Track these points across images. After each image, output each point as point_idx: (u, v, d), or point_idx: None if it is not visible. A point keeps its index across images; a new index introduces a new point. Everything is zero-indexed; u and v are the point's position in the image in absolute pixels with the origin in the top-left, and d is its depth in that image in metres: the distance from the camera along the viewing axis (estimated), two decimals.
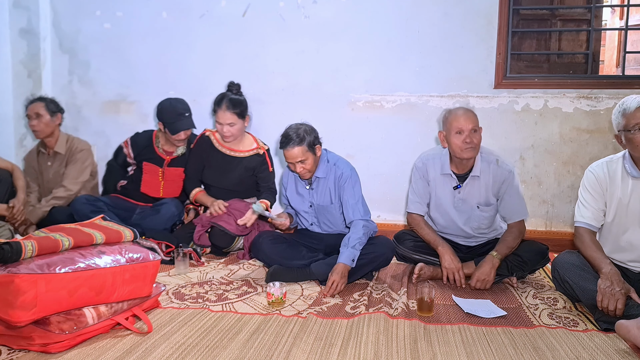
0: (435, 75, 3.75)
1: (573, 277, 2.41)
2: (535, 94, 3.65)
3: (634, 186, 2.37)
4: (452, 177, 2.86)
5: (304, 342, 2.02)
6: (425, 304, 2.34)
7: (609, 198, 2.44)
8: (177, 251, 2.94)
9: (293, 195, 3.06)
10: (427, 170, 2.93)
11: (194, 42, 4.01)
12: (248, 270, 3.03)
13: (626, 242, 2.42)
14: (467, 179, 2.83)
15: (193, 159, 3.55)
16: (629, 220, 2.39)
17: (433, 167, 2.91)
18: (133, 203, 3.58)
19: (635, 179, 2.36)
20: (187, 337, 2.05)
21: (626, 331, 1.99)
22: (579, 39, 4.07)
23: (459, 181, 2.85)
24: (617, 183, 2.41)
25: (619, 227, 2.42)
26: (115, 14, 4.10)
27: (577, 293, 2.39)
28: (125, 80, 4.13)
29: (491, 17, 3.63)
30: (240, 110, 3.34)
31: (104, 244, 2.18)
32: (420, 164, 2.96)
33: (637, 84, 3.57)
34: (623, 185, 2.40)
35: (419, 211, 2.99)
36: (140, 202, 3.58)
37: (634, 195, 2.36)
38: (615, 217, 2.43)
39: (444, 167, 2.87)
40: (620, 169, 2.42)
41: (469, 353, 1.95)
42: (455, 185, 2.86)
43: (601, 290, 2.20)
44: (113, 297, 2.05)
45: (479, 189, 2.83)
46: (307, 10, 3.85)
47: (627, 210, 2.39)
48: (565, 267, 2.48)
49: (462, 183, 2.84)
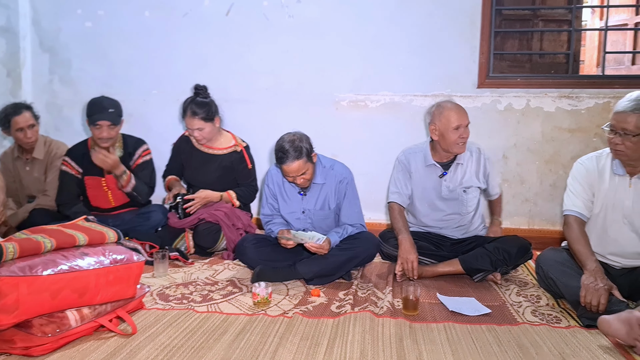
0: (420, 75, 3.77)
1: (556, 273, 2.45)
2: (518, 94, 3.68)
3: (619, 183, 2.42)
4: (437, 166, 2.98)
5: (290, 342, 2.02)
6: (411, 302, 2.35)
7: (596, 191, 2.48)
8: (156, 254, 2.91)
9: (281, 200, 3.00)
10: (409, 163, 3.04)
11: (177, 41, 3.98)
12: (233, 270, 3.02)
13: (610, 237, 2.46)
14: (451, 166, 2.96)
15: (173, 158, 3.65)
16: (614, 216, 2.44)
17: (415, 160, 3.03)
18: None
19: (620, 177, 2.42)
20: (172, 338, 2.04)
21: (608, 326, 2.02)
22: (560, 39, 4.12)
23: (444, 169, 2.97)
24: (605, 178, 2.46)
25: (605, 220, 2.47)
26: (96, 13, 4.06)
27: (560, 289, 2.43)
28: (108, 80, 4.09)
29: (474, 18, 3.66)
30: (205, 114, 3.33)
31: (86, 245, 2.15)
32: (402, 157, 3.08)
33: (616, 84, 3.62)
34: (610, 181, 2.45)
35: (402, 202, 3.07)
36: (103, 214, 3.42)
37: (619, 191, 2.42)
38: (601, 211, 2.47)
39: (427, 159, 2.99)
40: (609, 165, 2.46)
41: (455, 351, 1.97)
42: (440, 173, 2.97)
43: (585, 286, 2.23)
44: (97, 299, 2.03)
45: (462, 174, 2.97)
46: (291, 9, 3.84)
47: (613, 206, 2.44)
48: (548, 264, 2.53)
49: (447, 171, 2.98)
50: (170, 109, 3.98)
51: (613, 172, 2.44)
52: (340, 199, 2.93)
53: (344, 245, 2.81)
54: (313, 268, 2.73)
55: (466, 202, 3.00)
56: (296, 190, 2.94)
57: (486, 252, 2.80)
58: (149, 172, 3.48)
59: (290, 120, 3.80)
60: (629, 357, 1.92)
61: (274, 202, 3.02)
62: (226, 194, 3.41)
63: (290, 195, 2.97)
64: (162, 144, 3.79)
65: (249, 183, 3.52)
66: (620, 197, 2.42)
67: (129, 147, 3.44)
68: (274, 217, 3.04)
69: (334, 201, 2.93)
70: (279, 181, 2.98)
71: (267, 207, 3.04)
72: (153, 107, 4.06)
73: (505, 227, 3.67)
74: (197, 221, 3.28)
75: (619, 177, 2.43)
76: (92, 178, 3.37)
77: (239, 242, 3.03)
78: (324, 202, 2.93)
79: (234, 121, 3.72)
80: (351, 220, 2.92)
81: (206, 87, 3.44)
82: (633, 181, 2.40)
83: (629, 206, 2.40)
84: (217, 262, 3.19)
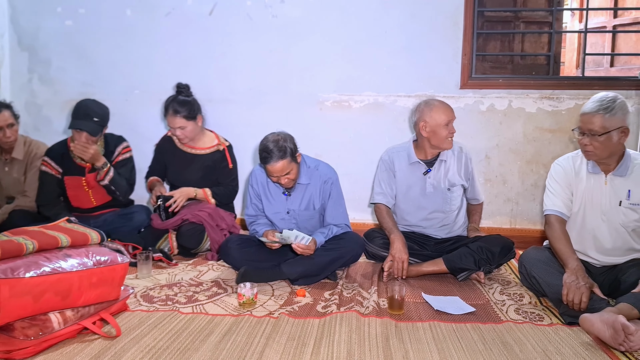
0: (403, 76, 3.79)
1: (539, 272, 2.49)
2: (500, 94, 3.73)
3: (595, 181, 2.48)
4: (421, 163, 3.02)
5: (277, 343, 2.01)
6: (396, 302, 2.36)
7: (574, 190, 2.54)
8: (139, 255, 2.88)
9: (265, 201, 2.99)
10: (393, 162, 3.07)
11: (159, 41, 3.95)
12: (217, 271, 3.00)
13: (590, 234, 2.52)
14: (434, 163, 3.01)
15: (155, 158, 3.63)
16: (593, 214, 2.49)
17: (399, 159, 3.07)
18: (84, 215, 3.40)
19: (596, 175, 2.48)
20: (158, 340, 2.02)
21: (590, 324, 2.05)
22: (541, 41, 4.18)
23: (428, 166, 3.03)
24: (581, 177, 2.52)
25: (584, 219, 2.52)
26: (77, 11, 4.00)
27: (542, 287, 2.46)
28: (88, 79, 4.04)
29: (457, 19, 3.69)
30: (187, 112, 3.32)
31: (69, 246, 2.12)
32: (386, 156, 3.12)
33: (596, 85, 3.68)
34: (587, 180, 2.50)
35: (387, 202, 3.10)
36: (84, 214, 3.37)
37: (596, 189, 2.47)
38: (580, 210, 2.52)
39: (411, 157, 3.03)
40: (585, 164, 2.52)
41: (440, 349, 1.98)
42: (424, 170, 3.01)
43: (567, 284, 2.27)
44: (80, 301, 2.00)
45: (446, 172, 3.02)
46: (274, 9, 3.83)
47: (591, 204, 2.49)
48: (531, 262, 2.56)
49: (431, 168, 3.02)
50: (152, 108, 3.94)
51: (589, 171, 2.49)
52: (325, 199, 2.93)
53: (329, 245, 2.81)
54: (298, 268, 2.73)
55: (450, 200, 3.04)
56: (280, 190, 2.94)
57: (470, 252, 2.83)
58: (129, 169, 3.45)
59: (273, 121, 3.79)
60: (610, 354, 1.96)
61: (258, 203, 3.01)
62: (202, 191, 3.39)
63: (274, 196, 2.97)
64: (145, 144, 3.75)
65: (229, 183, 3.51)
66: (597, 195, 2.48)
67: (110, 145, 3.41)
68: (258, 218, 3.03)
69: (318, 201, 2.93)
70: (263, 181, 2.97)
71: (251, 208, 3.03)
72: (135, 107, 4.01)
73: (488, 226, 3.74)
74: (180, 222, 3.25)
75: (594, 175, 2.48)
76: (73, 178, 3.32)
77: (223, 243, 3.02)
78: (308, 203, 2.93)
79: (217, 121, 3.70)
80: (336, 220, 2.92)
81: (188, 86, 3.42)
82: (608, 178, 2.46)
83: (606, 203, 2.46)
84: (201, 263, 3.17)
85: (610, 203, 2.45)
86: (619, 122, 2.32)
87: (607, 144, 2.35)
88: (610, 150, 2.38)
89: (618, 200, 2.44)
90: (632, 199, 2.40)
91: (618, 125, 2.32)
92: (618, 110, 2.31)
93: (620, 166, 2.42)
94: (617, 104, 2.32)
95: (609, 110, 2.30)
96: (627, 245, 2.48)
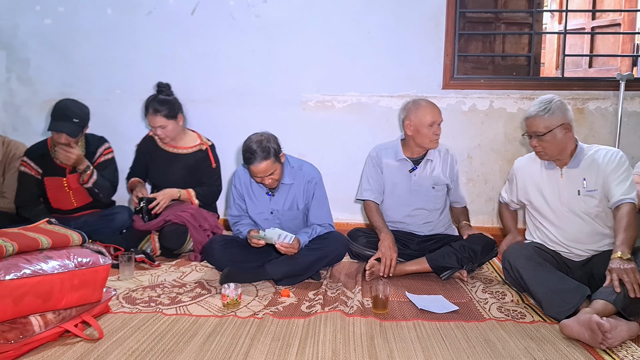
0: (386, 76, 3.80)
1: (523, 266, 2.53)
2: (481, 95, 3.76)
3: (552, 176, 2.64)
4: (408, 161, 3.06)
5: (262, 343, 2.00)
6: (380, 301, 2.37)
7: (533, 187, 2.71)
8: (122, 256, 2.85)
9: (248, 201, 2.98)
10: (380, 159, 3.12)
11: (141, 40, 3.91)
12: (201, 272, 2.98)
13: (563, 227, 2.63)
14: (421, 162, 3.05)
15: (137, 159, 3.60)
16: (558, 207, 2.62)
17: (386, 155, 3.12)
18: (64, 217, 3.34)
19: (552, 170, 2.64)
20: (141, 342, 2.00)
21: (569, 330, 2.07)
22: (522, 42, 4.23)
23: (414, 164, 3.08)
24: (540, 174, 2.69)
25: (553, 213, 2.65)
26: (56, 9, 3.94)
27: (526, 282, 2.49)
28: (68, 79, 3.98)
29: (439, 20, 3.71)
30: (168, 111, 3.30)
31: (50, 248, 2.09)
32: (374, 153, 3.16)
33: (575, 86, 3.74)
34: (546, 177, 2.67)
35: (375, 198, 3.13)
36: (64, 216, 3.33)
37: (554, 184, 2.63)
38: (546, 205, 2.66)
39: (398, 154, 3.08)
40: (541, 162, 2.69)
41: (425, 348, 1.99)
42: (411, 168, 3.06)
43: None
44: (61, 304, 1.97)
45: (431, 171, 3.06)
46: (257, 9, 3.82)
47: (553, 198, 2.64)
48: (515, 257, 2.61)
49: (417, 166, 3.08)
50: (133, 108, 3.90)
51: (545, 168, 2.67)
52: (309, 199, 2.93)
53: (313, 245, 2.82)
54: (282, 268, 2.72)
55: (434, 199, 3.09)
56: (264, 190, 2.93)
57: (452, 250, 2.87)
58: (111, 170, 3.41)
59: (256, 121, 3.79)
60: (590, 350, 1.99)
61: (241, 203, 3.00)
62: (185, 191, 3.37)
63: (258, 196, 2.96)
64: (126, 144, 3.71)
65: (212, 183, 3.49)
66: (555, 188, 2.63)
67: (91, 146, 3.36)
68: (241, 218, 3.02)
69: (302, 201, 2.93)
70: (246, 182, 2.96)
71: (235, 208, 3.02)
72: (116, 107, 3.97)
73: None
74: (163, 223, 3.22)
75: (550, 171, 2.65)
76: (53, 179, 3.27)
77: (206, 244, 3.00)
78: (292, 203, 2.93)
79: (200, 121, 3.68)
80: (320, 220, 2.93)
81: (169, 85, 3.40)
82: (564, 171, 2.60)
83: (565, 195, 2.60)
84: (184, 263, 3.15)
85: (569, 194, 2.59)
86: (559, 119, 2.49)
87: (553, 142, 2.52)
88: (558, 147, 2.54)
89: (576, 190, 2.57)
90: (588, 187, 2.54)
91: (559, 122, 2.49)
92: (556, 109, 2.49)
93: (574, 159, 2.57)
94: (554, 104, 2.51)
95: (547, 111, 2.49)
96: (596, 231, 2.58)
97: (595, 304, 2.15)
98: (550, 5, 5.77)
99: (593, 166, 2.54)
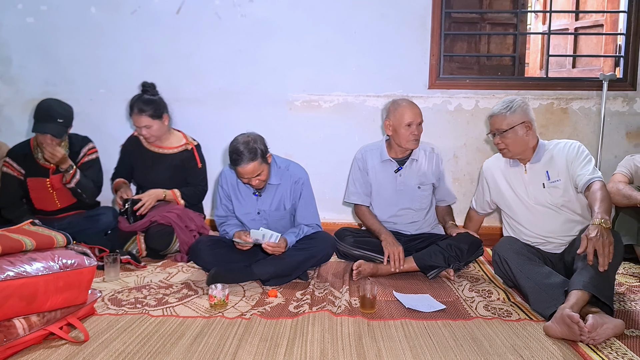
0: (372, 76, 3.81)
1: (512, 260, 2.58)
2: (467, 95, 3.79)
3: (517, 173, 2.78)
4: (392, 162, 3.08)
5: (249, 344, 2.00)
6: (368, 300, 2.37)
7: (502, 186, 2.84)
8: (107, 257, 2.82)
9: (235, 201, 2.97)
10: (366, 161, 3.14)
11: (125, 39, 3.87)
12: (187, 273, 2.96)
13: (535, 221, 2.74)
14: (406, 162, 3.07)
15: (121, 159, 3.57)
16: (527, 201, 2.75)
17: (371, 157, 3.13)
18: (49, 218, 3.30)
19: (517, 168, 2.78)
20: (127, 344, 1.98)
21: (552, 331, 2.09)
22: (506, 42, 4.27)
23: (399, 164, 3.08)
24: (507, 172, 2.83)
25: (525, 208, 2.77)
26: (39, 8, 3.88)
27: (515, 275, 2.54)
28: (51, 78, 3.93)
29: (425, 20, 3.73)
30: (153, 111, 3.28)
31: (34, 250, 2.06)
32: (359, 155, 3.19)
33: (559, 86, 3.78)
34: (511, 174, 2.81)
35: (362, 202, 3.17)
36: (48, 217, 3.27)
37: (519, 180, 2.77)
38: (517, 201, 2.79)
39: (383, 155, 3.09)
40: (507, 161, 2.83)
41: (412, 346, 2.00)
42: (396, 168, 3.07)
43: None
44: (46, 306, 1.95)
45: (417, 171, 3.08)
46: (243, 8, 3.80)
47: (521, 194, 2.77)
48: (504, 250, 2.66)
49: (402, 166, 3.09)
50: (118, 108, 3.86)
51: (510, 166, 2.81)
52: (296, 200, 2.92)
53: (300, 245, 2.81)
54: (269, 269, 2.72)
55: (420, 198, 3.11)
56: (251, 191, 2.92)
57: (439, 250, 2.88)
58: (95, 170, 3.37)
59: (243, 120, 3.79)
60: (574, 346, 2.01)
61: (228, 203, 2.98)
62: (171, 192, 3.35)
63: (244, 196, 2.94)
64: (111, 144, 3.68)
65: (198, 183, 3.47)
66: (522, 184, 2.77)
67: (75, 145, 3.32)
68: (228, 219, 3.00)
69: (289, 202, 2.92)
70: (233, 182, 2.94)
71: (221, 209, 3.00)
72: (100, 107, 3.92)
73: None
74: (148, 224, 3.20)
75: (515, 168, 2.79)
76: (36, 179, 3.23)
77: (193, 244, 2.98)
78: (279, 203, 2.92)
79: (185, 121, 3.66)
80: (307, 220, 2.92)
81: (154, 85, 3.38)
82: (527, 167, 2.74)
83: (531, 190, 2.73)
84: (171, 264, 3.13)
85: (534, 188, 2.72)
86: (521, 117, 2.66)
87: (515, 139, 2.67)
88: (520, 144, 2.69)
89: (541, 183, 2.70)
90: (552, 178, 2.68)
91: (520, 120, 2.66)
92: (517, 108, 2.67)
93: (536, 155, 2.72)
94: (516, 103, 2.68)
95: (509, 109, 2.66)
96: (566, 219, 2.68)
97: (569, 297, 2.16)
98: (534, 6, 5.83)
99: (554, 159, 2.69)
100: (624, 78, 3.78)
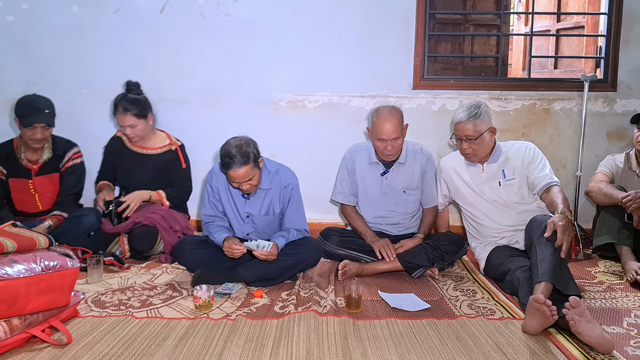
0: (357, 76, 3.82)
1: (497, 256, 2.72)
2: (451, 95, 3.81)
3: (475, 173, 2.92)
4: (379, 164, 3.07)
5: (235, 345, 1.99)
6: (353, 300, 2.38)
7: (461, 184, 2.97)
8: (90, 259, 2.79)
9: (225, 202, 2.93)
10: (354, 161, 3.14)
11: (108, 39, 3.82)
12: (172, 274, 2.94)
13: (495, 218, 2.87)
14: (393, 165, 3.05)
15: (105, 161, 3.53)
16: (484, 201, 2.90)
17: (360, 158, 3.13)
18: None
19: (474, 167, 2.92)
20: (111, 346, 1.96)
21: (530, 327, 2.12)
22: (490, 43, 4.31)
23: (386, 167, 3.06)
24: (463, 171, 2.96)
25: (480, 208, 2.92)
26: (19, 6, 3.82)
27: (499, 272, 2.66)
28: (33, 77, 3.87)
29: (409, 21, 3.75)
30: (138, 111, 3.25)
31: (15, 252, 2.03)
32: (348, 155, 3.19)
33: (541, 87, 3.83)
34: (468, 174, 2.94)
35: (348, 202, 3.18)
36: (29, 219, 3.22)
37: (477, 179, 2.91)
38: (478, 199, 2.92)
39: (371, 157, 3.09)
40: (463, 161, 2.96)
41: (398, 346, 2.01)
42: (382, 171, 3.07)
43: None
44: (28, 309, 1.92)
45: (404, 175, 3.07)
46: (227, 8, 3.78)
47: (478, 193, 2.91)
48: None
49: (389, 169, 3.05)
50: (101, 108, 3.82)
51: (467, 165, 2.94)
52: (285, 204, 2.90)
53: (287, 250, 2.78)
54: (255, 272, 2.70)
55: (405, 203, 3.11)
56: (240, 192, 2.89)
57: (423, 249, 2.90)
58: (77, 176, 3.32)
59: (227, 121, 3.77)
60: (554, 340, 2.05)
61: (216, 202, 2.95)
62: (155, 193, 3.32)
63: (234, 197, 2.92)
64: (93, 145, 3.64)
65: (182, 183, 3.45)
66: (478, 182, 2.91)
67: (58, 148, 3.27)
68: (216, 219, 2.96)
69: (278, 206, 2.90)
70: (223, 181, 2.90)
71: (210, 207, 2.96)
72: (83, 107, 3.88)
73: None
74: (132, 225, 3.17)
75: (472, 167, 2.92)
76: (18, 180, 3.18)
77: (177, 244, 2.96)
78: (268, 208, 2.90)
79: (169, 122, 3.63)
80: (295, 225, 2.90)
81: (139, 84, 3.36)
82: (484, 167, 2.89)
83: (488, 188, 2.88)
84: (155, 265, 3.10)
85: (491, 187, 2.88)
86: (487, 124, 2.78)
87: (482, 145, 2.79)
88: (486, 149, 2.84)
89: (497, 182, 2.86)
90: (507, 176, 2.84)
91: (487, 127, 2.78)
92: (484, 115, 2.76)
93: (493, 155, 2.86)
94: (482, 110, 2.76)
95: (477, 117, 2.74)
96: (523, 209, 2.81)
97: (535, 289, 2.23)
98: (516, 8, 5.89)
99: (510, 160, 2.85)
100: (604, 79, 3.84)
